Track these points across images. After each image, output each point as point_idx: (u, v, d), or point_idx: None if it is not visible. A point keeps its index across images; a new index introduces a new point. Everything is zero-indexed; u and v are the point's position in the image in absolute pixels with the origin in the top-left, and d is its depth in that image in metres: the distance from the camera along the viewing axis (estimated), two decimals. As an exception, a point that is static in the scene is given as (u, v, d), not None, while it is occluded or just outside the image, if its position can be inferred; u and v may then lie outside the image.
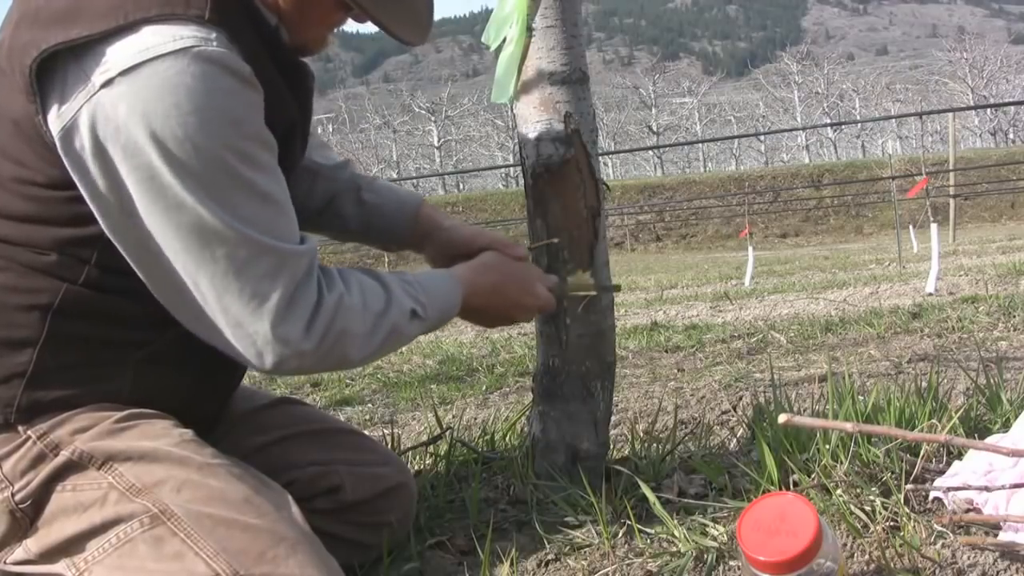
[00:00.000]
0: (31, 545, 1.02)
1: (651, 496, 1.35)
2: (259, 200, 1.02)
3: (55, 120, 0.97)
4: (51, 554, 1.02)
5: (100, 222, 1.00)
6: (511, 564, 1.23)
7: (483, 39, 1.50)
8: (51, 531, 1.01)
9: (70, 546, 1.01)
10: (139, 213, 0.98)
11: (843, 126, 59.79)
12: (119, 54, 0.95)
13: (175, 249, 0.99)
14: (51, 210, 1.01)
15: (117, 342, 1.07)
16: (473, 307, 1.30)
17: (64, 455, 1.02)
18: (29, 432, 1.02)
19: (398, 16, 1.13)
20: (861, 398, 1.69)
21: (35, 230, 1.02)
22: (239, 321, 1.01)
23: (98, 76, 0.95)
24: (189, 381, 1.13)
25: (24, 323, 1.02)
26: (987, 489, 1.20)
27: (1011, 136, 58.43)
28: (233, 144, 0.98)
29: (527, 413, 1.64)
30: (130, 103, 0.94)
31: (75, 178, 0.98)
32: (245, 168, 1.00)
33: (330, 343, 1.06)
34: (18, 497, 1.01)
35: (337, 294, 1.08)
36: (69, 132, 0.96)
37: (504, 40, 1.46)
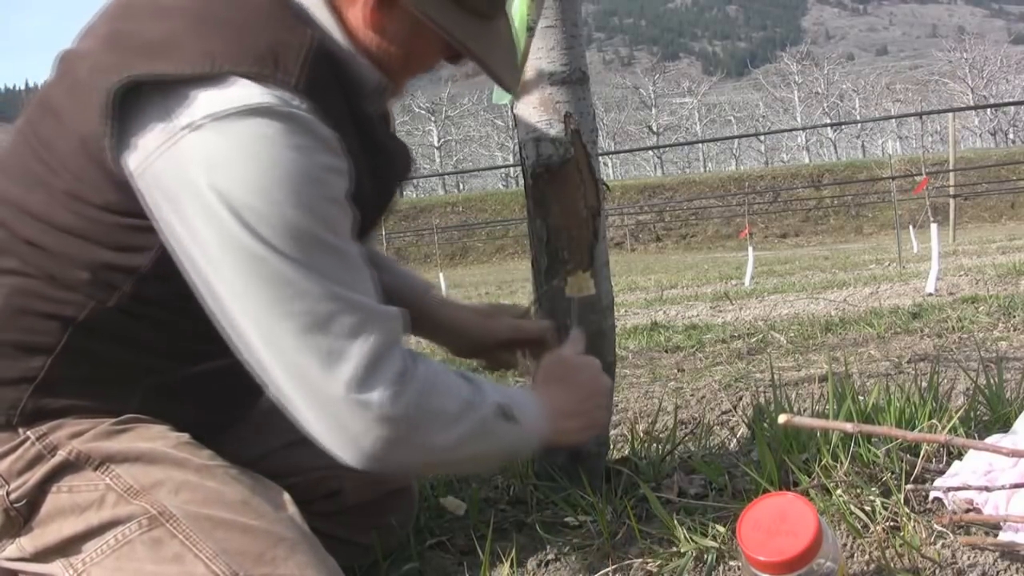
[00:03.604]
0: (25, 544, 1.01)
1: (651, 496, 1.35)
2: (338, 258, 0.96)
3: (132, 154, 0.94)
4: (46, 554, 1.01)
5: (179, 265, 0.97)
6: (511, 564, 1.23)
7: None
8: (46, 531, 1.01)
9: (66, 547, 1.00)
10: (213, 257, 0.94)
11: (843, 126, 59.86)
12: (207, 100, 0.93)
13: (247, 307, 0.93)
14: (98, 231, 0.99)
15: (133, 365, 1.06)
16: (561, 413, 1.17)
17: (61, 455, 1.01)
18: (28, 433, 1.01)
19: (502, 62, 1.13)
20: (861, 398, 1.69)
21: (76, 245, 1.00)
22: (314, 385, 0.93)
23: (183, 118, 0.93)
24: (197, 413, 1.11)
25: (43, 330, 1.01)
26: (987, 489, 1.20)
27: (1011, 136, 58.47)
28: (313, 204, 0.94)
29: (527, 413, 1.63)
30: (212, 150, 0.92)
31: (151, 217, 0.96)
32: (324, 231, 0.95)
33: (418, 419, 0.97)
34: (13, 496, 1.00)
35: (427, 366, 1.00)
36: (147, 170, 0.94)
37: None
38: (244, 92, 0.93)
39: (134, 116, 0.95)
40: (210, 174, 0.92)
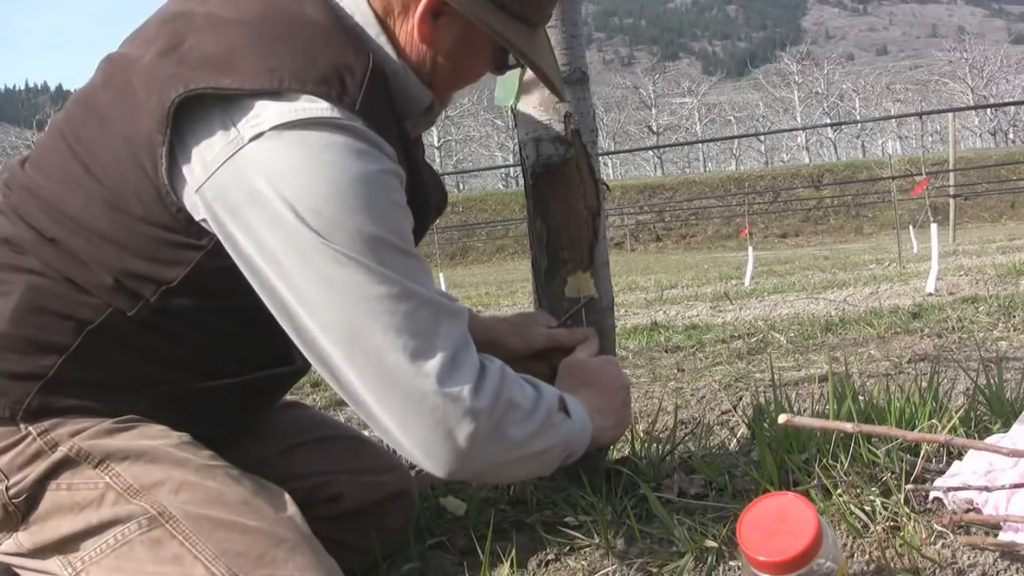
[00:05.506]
0: (23, 539, 1.01)
1: (651, 496, 1.35)
2: (407, 258, 0.98)
3: (188, 165, 0.95)
4: (43, 551, 1.01)
5: (248, 279, 0.97)
6: (511, 564, 1.23)
7: None
8: (44, 528, 1.01)
9: (64, 545, 1.00)
10: (283, 266, 0.94)
11: (843, 126, 59.89)
12: (271, 111, 0.93)
13: (323, 313, 0.93)
14: (133, 240, 0.99)
15: (144, 375, 1.06)
16: (597, 412, 1.20)
17: (61, 451, 1.01)
18: (30, 428, 1.01)
19: (551, 67, 1.14)
20: (861, 398, 1.69)
21: (108, 251, 0.99)
22: (405, 384, 0.94)
23: (247, 129, 0.93)
24: (202, 427, 1.11)
25: (57, 330, 1.01)
26: (987, 489, 1.20)
27: (1011, 136, 58.54)
28: (381, 208, 0.95)
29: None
30: (278, 158, 0.92)
31: (214, 229, 0.96)
32: (392, 233, 0.96)
33: (500, 412, 0.99)
34: (12, 492, 1.00)
35: (499, 364, 1.03)
36: (208, 182, 0.94)
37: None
38: (309, 105, 0.94)
39: (191, 127, 0.95)
40: (275, 182, 0.92)
